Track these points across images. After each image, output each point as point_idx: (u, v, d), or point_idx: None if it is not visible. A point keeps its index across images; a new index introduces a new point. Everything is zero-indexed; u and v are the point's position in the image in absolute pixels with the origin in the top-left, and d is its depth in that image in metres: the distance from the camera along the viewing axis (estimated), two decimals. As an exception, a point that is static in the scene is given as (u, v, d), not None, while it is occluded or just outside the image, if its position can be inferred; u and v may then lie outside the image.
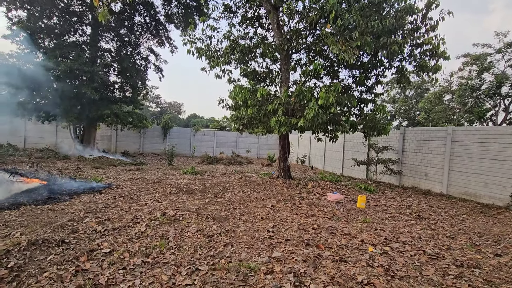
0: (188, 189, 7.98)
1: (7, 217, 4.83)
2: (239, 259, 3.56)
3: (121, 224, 4.71)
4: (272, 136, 23.29)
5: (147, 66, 19.50)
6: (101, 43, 17.62)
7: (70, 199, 6.35)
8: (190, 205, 6.18)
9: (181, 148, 22.28)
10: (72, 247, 3.74)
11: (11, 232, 4.10)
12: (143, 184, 8.60)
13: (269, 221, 5.32)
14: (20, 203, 5.75)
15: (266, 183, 9.54)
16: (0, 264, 3.07)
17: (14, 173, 7.75)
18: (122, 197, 6.80)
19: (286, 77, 9.97)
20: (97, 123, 18.13)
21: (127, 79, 18.42)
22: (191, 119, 55.51)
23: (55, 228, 4.33)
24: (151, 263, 3.41)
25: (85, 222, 4.73)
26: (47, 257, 3.41)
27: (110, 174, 10.63)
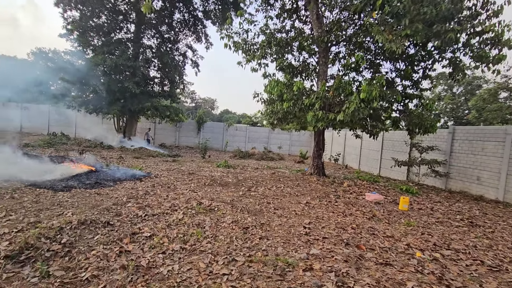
0: (222, 182, 8.07)
1: (61, 198, 5.24)
2: (275, 253, 3.47)
3: (160, 210, 4.87)
4: (305, 133, 22.84)
5: (184, 62, 20.16)
6: (143, 40, 18.53)
7: (114, 185, 6.74)
8: (225, 197, 6.22)
9: (214, 142, 22.75)
10: (116, 229, 3.93)
11: (64, 212, 4.43)
12: (179, 175, 8.87)
13: (304, 217, 5.15)
14: (71, 186, 6.22)
15: (299, 180, 9.33)
16: (55, 239, 3.30)
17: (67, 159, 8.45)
18: (161, 185, 7.07)
19: (323, 70, 9.61)
20: (138, 116, 19.16)
21: (166, 74, 19.23)
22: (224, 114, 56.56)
23: (101, 211, 4.60)
24: (188, 250, 3.45)
25: (127, 207, 4.97)
26: (94, 236, 3.61)
27: (149, 164, 11.15)
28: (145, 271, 2.89)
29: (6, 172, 6.49)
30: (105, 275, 2.76)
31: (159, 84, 19.73)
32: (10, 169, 6.77)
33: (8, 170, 6.62)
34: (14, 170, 6.73)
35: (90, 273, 2.74)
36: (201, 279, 2.80)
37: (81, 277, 2.69)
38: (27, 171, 6.80)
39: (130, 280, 2.70)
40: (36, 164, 7.87)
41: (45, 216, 4.19)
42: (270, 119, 10.68)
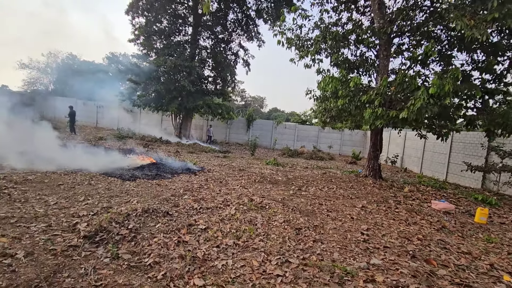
0: (271, 179, 8.02)
1: (128, 187, 5.77)
2: (331, 259, 3.26)
3: (213, 204, 5.01)
4: (358, 132, 21.54)
5: (236, 61, 20.67)
6: (199, 41, 19.51)
7: (171, 177, 7.20)
8: (275, 195, 6.15)
9: (262, 140, 22.90)
10: (174, 219, 4.15)
11: (130, 199, 4.85)
12: (230, 171, 9.10)
13: (361, 222, 4.79)
14: (136, 176, 6.83)
15: (352, 181, 8.78)
16: (123, 224, 3.61)
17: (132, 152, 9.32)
18: (213, 180, 7.32)
19: (384, 64, 8.85)
20: (193, 113, 20.29)
21: (218, 73, 19.98)
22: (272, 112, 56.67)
23: (161, 201, 4.92)
24: (241, 246, 3.45)
25: (184, 199, 5.23)
26: (156, 224, 3.86)
27: (202, 159, 11.70)
28: (201, 263, 2.97)
29: (84, 162, 7.42)
30: (165, 262, 2.91)
31: (212, 83, 20.61)
32: (88, 159, 7.72)
33: (86, 160, 7.56)
34: (91, 160, 7.66)
35: (153, 260, 2.91)
36: (255, 277, 2.76)
37: (145, 262, 2.88)
38: (102, 162, 7.67)
39: (188, 270, 2.79)
40: (109, 156, 8.85)
41: (115, 202, 4.63)
42: (323, 117, 10.27)
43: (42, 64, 34.31)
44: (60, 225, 3.51)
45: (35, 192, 4.76)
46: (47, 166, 6.60)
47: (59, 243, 3.02)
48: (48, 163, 6.78)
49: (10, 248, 2.77)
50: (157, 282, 2.55)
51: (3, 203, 4.07)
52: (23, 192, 4.66)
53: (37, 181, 5.42)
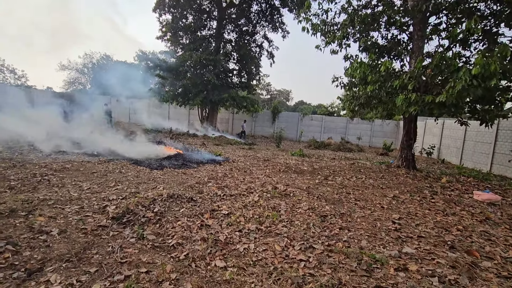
0: (296, 169, 7.86)
1: (155, 175, 5.95)
2: (359, 246, 3.08)
3: (237, 192, 4.99)
4: (390, 122, 20.45)
5: (261, 53, 20.49)
6: (224, 34, 19.58)
7: (197, 167, 7.32)
8: (300, 184, 6.00)
9: (288, 132, 22.61)
10: (198, 204, 4.18)
11: (157, 186, 4.99)
12: (255, 161, 9.06)
13: (392, 211, 4.49)
14: (163, 165, 7.03)
15: (383, 172, 8.33)
16: (149, 208, 3.71)
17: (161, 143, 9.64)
18: (238, 169, 7.32)
19: (419, 45, 8.21)
20: (218, 107, 20.54)
21: (243, 66, 19.96)
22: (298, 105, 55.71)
23: (186, 188, 5.00)
24: (264, 231, 3.38)
25: (208, 186, 5.28)
26: (180, 209, 3.92)
27: (227, 150, 11.79)
28: (222, 245, 2.95)
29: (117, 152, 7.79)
30: (188, 244, 2.93)
31: (237, 76, 20.66)
32: (121, 150, 8.10)
33: (119, 151, 7.93)
34: (123, 151, 8.02)
35: (176, 241, 2.94)
36: (277, 261, 2.68)
37: (168, 243, 2.92)
38: (132, 153, 8.01)
39: (210, 252, 2.78)
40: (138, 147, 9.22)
41: (143, 188, 4.79)
42: (351, 106, 9.81)
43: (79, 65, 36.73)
44: (92, 207, 3.68)
45: (71, 178, 5.07)
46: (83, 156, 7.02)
47: (89, 223, 3.17)
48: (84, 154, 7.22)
49: (46, 226, 2.95)
50: (180, 262, 2.57)
51: (43, 188, 4.37)
52: (61, 179, 4.99)
53: (73, 169, 5.78)
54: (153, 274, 2.31)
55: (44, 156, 6.89)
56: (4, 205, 3.36)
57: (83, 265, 2.37)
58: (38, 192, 4.12)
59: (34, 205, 3.53)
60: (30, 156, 6.69)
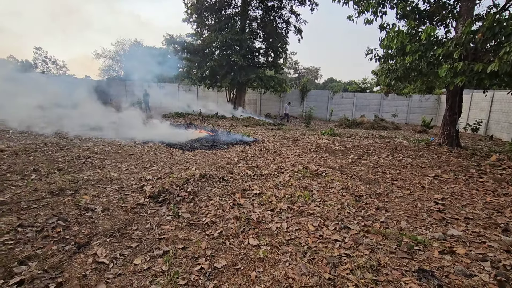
0: (328, 148, 7.62)
1: (187, 156, 6.11)
2: (398, 227, 2.92)
3: (267, 172, 4.97)
4: (429, 97, 18.91)
5: (287, 29, 19.63)
6: (249, 12, 18.97)
7: (227, 148, 7.40)
8: (332, 163, 5.81)
9: (317, 111, 21.92)
10: (230, 184, 4.23)
11: (189, 166, 5.12)
12: (284, 141, 8.94)
13: (434, 191, 4.19)
14: (194, 147, 7.20)
15: (423, 150, 7.79)
16: (183, 188, 3.82)
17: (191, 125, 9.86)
18: (267, 150, 7.28)
19: (468, 7, 7.28)
20: (246, 88, 20.37)
21: (269, 44, 19.35)
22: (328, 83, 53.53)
23: (217, 168, 5.07)
24: (296, 211, 3.33)
25: (238, 166, 5.31)
26: (212, 188, 3.99)
27: (256, 131, 11.76)
28: (255, 224, 2.96)
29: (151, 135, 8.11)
30: (221, 222, 2.98)
31: (263, 55, 20.14)
32: (154, 133, 8.42)
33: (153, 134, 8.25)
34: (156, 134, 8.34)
35: (209, 219, 3.00)
36: (311, 241, 2.63)
37: (202, 221, 2.99)
38: (165, 135, 8.29)
39: (242, 230, 2.80)
40: (171, 130, 9.53)
41: (176, 169, 4.95)
42: (386, 79, 9.13)
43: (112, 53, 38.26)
44: (130, 186, 3.88)
45: (111, 160, 5.39)
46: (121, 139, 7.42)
47: (129, 202, 3.34)
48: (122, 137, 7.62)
49: (91, 204, 3.16)
50: (214, 239, 2.62)
51: (87, 169, 4.69)
52: (102, 160, 5.31)
53: (112, 152, 6.13)
54: (189, 250, 2.38)
55: (86, 139, 7.38)
56: (54, 185, 3.65)
57: (125, 240, 2.52)
58: (83, 173, 4.43)
59: (80, 184, 3.80)
60: (74, 140, 7.20)
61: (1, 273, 1.90)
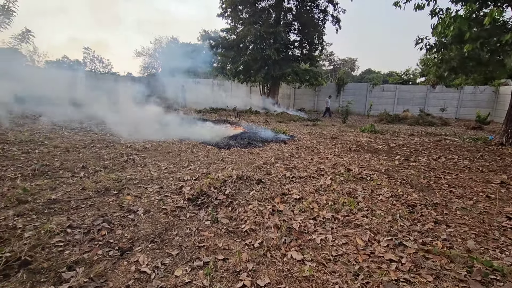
0: (370, 148, 7.11)
1: (223, 154, 6.08)
2: (465, 248, 2.53)
3: (306, 174, 4.72)
4: (484, 89, 16.96)
5: (324, 19, 18.78)
6: (283, 3, 18.46)
7: (262, 146, 7.25)
8: (377, 165, 5.37)
9: (355, 105, 20.78)
10: (267, 187, 4.07)
11: (226, 166, 5.06)
12: (321, 139, 8.55)
13: (504, 203, 3.63)
14: (230, 145, 7.16)
15: (481, 150, 6.93)
16: (221, 190, 3.74)
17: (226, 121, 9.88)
18: (304, 148, 6.99)
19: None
20: (280, 82, 20.01)
21: (305, 36, 18.73)
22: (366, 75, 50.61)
23: (254, 168, 4.94)
24: (341, 221, 3.07)
25: (275, 167, 5.13)
26: (250, 191, 3.86)
27: (291, 127, 11.46)
28: (297, 235, 2.76)
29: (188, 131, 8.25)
30: (261, 231, 2.83)
31: (298, 48, 19.58)
32: (191, 129, 8.56)
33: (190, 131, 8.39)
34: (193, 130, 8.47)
35: (249, 227, 2.87)
36: (361, 258, 2.36)
37: (242, 228, 2.87)
38: (201, 132, 8.39)
39: (284, 241, 2.63)
40: (206, 126, 9.64)
41: (213, 168, 4.91)
42: (438, 71, 8.26)
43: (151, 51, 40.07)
44: (170, 187, 3.90)
45: (151, 158, 5.53)
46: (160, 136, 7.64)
47: (169, 204, 3.34)
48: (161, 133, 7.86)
49: (133, 205, 3.21)
50: (254, 250, 2.48)
51: (129, 167, 4.85)
52: (143, 158, 5.47)
53: (152, 149, 6.30)
54: (230, 262, 2.27)
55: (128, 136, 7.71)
56: (100, 184, 3.79)
57: (166, 246, 2.48)
58: (125, 171, 4.58)
59: (123, 184, 3.91)
60: (118, 137, 7.56)
61: (51, 278, 1.95)
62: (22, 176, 4.10)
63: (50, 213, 2.93)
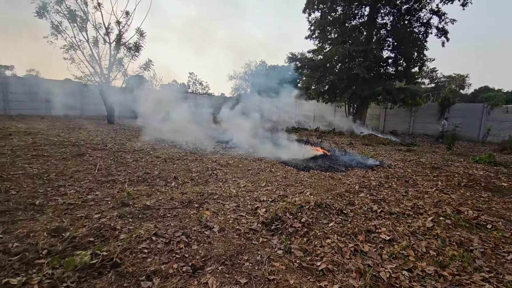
0: (488, 184, 5.62)
1: (301, 177, 5.83)
2: None
3: (398, 209, 4.00)
4: None
5: (426, 33, 16.70)
6: (377, 20, 17.41)
7: (345, 171, 6.66)
8: (501, 210, 4.14)
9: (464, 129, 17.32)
10: (350, 220, 3.60)
11: (304, 190, 4.79)
12: (419, 168, 7.30)
13: None
14: (310, 167, 6.86)
15: None
16: (296, 217, 3.50)
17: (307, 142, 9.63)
18: (396, 178, 6.07)
19: None
20: (368, 102, 18.59)
21: (401, 52, 17.03)
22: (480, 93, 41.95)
23: (335, 196, 4.51)
24: (449, 280, 2.38)
25: (360, 197, 4.56)
26: (329, 223, 3.49)
27: (380, 152, 10.28)
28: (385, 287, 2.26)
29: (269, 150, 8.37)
30: (339, 273, 2.45)
31: (392, 65, 17.90)
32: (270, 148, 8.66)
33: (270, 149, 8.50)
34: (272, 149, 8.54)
35: (325, 265, 2.53)
36: None
37: (317, 265, 2.55)
38: (280, 151, 8.38)
39: (368, 293, 2.18)
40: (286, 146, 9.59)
41: (290, 191, 4.72)
42: None
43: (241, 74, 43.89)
44: (245, 207, 3.90)
45: (232, 174, 5.75)
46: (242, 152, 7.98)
47: (243, 224, 3.30)
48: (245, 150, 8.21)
49: (210, 221, 3.30)
50: (331, 297, 2.14)
51: (212, 181, 5.14)
52: (224, 174, 5.75)
53: (234, 165, 6.59)
54: (301, 307, 1.99)
55: (215, 151, 8.34)
56: (186, 196, 4.10)
57: (235, 272, 2.39)
58: (208, 185, 4.86)
59: (204, 198, 4.12)
60: (206, 151, 8.27)
61: (132, 285, 2.09)
62: (130, 181, 4.84)
63: (142, 218, 3.28)
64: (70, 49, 13.90)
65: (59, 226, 2.88)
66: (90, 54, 14.33)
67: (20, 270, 2.15)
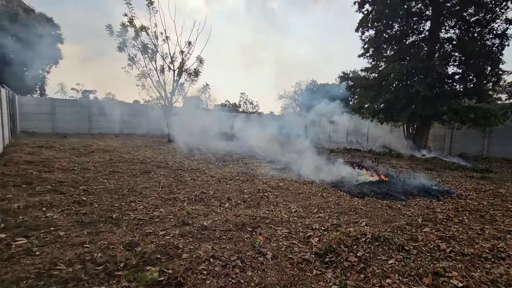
0: None
1: (356, 204, 5.56)
2: None
3: (473, 250, 3.53)
4: None
5: (502, 45, 14.88)
6: (440, 34, 16.19)
7: (405, 200, 6.14)
8: None
9: (559, 154, 14.56)
10: (413, 258, 3.30)
11: (359, 220, 4.56)
12: (497, 200, 6.34)
13: None
14: (364, 193, 6.50)
15: None
16: (352, 250, 3.36)
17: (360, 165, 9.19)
18: (468, 211, 5.37)
19: None
20: (431, 122, 17.01)
21: (470, 67, 15.39)
22: None
23: (394, 229, 4.20)
24: None
25: (424, 232, 4.15)
26: (388, 259, 3.25)
27: (446, 179, 9.21)
28: None
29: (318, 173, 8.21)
30: (403, 320, 2.26)
31: (459, 81, 16.22)
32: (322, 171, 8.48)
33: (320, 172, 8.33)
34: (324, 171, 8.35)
35: (386, 309, 2.36)
36: None
37: (376, 308, 2.40)
38: (332, 174, 8.14)
39: None
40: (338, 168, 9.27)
41: (344, 220, 4.54)
42: None
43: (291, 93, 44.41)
44: (297, 234, 3.87)
45: (282, 197, 5.78)
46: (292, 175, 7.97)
47: (295, 253, 3.29)
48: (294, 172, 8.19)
49: (263, 247, 3.36)
50: None
51: (263, 204, 5.24)
52: (275, 197, 5.81)
53: (284, 188, 6.61)
54: None
55: (266, 172, 8.49)
56: (239, 218, 4.26)
57: (289, 304, 2.39)
58: (260, 208, 4.96)
59: (257, 221, 4.22)
60: (257, 172, 8.47)
61: (194, 305, 2.25)
62: (188, 199, 5.22)
63: (201, 238, 3.51)
64: (142, 77, 15.93)
65: (132, 241, 3.26)
66: (157, 81, 16.21)
67: (103, 280, 2.50)
